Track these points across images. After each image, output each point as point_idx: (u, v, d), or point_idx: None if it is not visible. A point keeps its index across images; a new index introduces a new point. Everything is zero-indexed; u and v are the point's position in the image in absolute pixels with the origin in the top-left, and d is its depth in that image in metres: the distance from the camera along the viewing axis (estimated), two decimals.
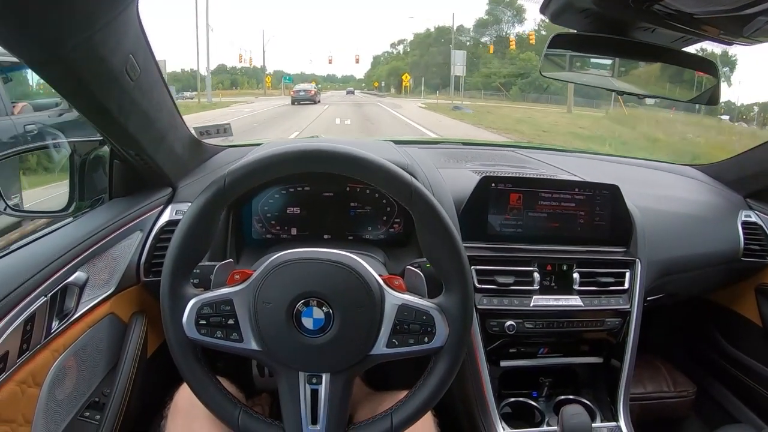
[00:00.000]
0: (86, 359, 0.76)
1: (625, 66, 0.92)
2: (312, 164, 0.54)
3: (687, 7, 0.62)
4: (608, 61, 0.90)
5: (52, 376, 0.68)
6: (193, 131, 0.99)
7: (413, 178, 0.54)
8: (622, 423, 0.92)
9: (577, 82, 0.92)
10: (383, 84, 51.26)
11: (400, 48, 55.49)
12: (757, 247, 1.18)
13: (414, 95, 34.59)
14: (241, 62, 39.96)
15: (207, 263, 0.61)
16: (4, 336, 0.58)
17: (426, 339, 0.54)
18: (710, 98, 0.89)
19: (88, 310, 0.75)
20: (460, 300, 0.55)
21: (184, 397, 0.72)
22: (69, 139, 1.00)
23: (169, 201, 0.92)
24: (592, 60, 0.90)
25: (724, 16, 0.62)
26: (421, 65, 40.55)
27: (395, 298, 0.54)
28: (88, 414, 0.76)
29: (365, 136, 8.66)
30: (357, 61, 41.31)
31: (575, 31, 0.80)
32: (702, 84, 0.91)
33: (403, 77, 35.10)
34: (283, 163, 0.54)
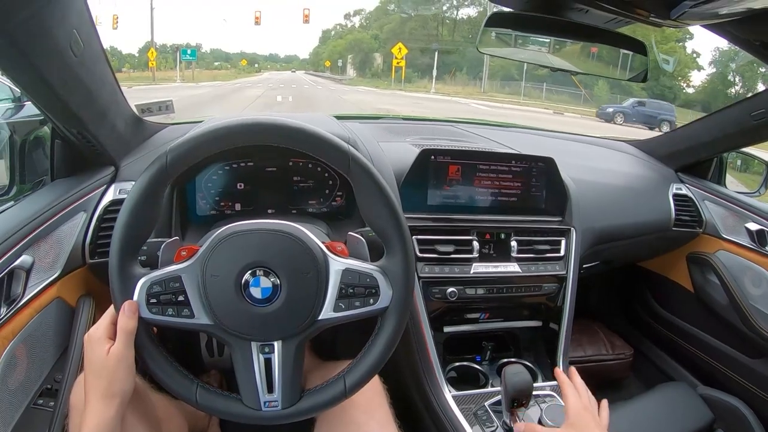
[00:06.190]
0: (35, 346, 0.74)
1: (560, 45, 0.96)
2: (251, 137, 0.55)
3: None
4: (546, 40, 0.95)
5: (2, 365, 0.66)
6: (134, 108, 0.98)
7: (350, 147, 0.55)
8: None
9: (514, 58, 0.96)
10: (340, 64, 40.13)
11: (356, 20, 44.35)
12: (687, 218, 1.27)
13: (413, 84, 22.38)
14: None
15: (153, 240, 0.61)
16: None
17: (371, 301, 0.57)
18: (643, 77, 0.95)
19: (35, 294, 0.74)
20: (401, 260, 0.57)
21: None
22: (7, 120, 0.96)
23: (112, 180, 0.91)
24: (532, 38, 0.94)
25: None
26: (405, 34, 28.55)
27: (339, 263, 0.56)
28: (41, 402, 0.74)
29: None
30: (306, 19, 25.24)
31: (513, 10, 0.84)
32: (634, 63, 0.97)
33: (394, 51, 20.99)
34: (224, 138, 0.54)
